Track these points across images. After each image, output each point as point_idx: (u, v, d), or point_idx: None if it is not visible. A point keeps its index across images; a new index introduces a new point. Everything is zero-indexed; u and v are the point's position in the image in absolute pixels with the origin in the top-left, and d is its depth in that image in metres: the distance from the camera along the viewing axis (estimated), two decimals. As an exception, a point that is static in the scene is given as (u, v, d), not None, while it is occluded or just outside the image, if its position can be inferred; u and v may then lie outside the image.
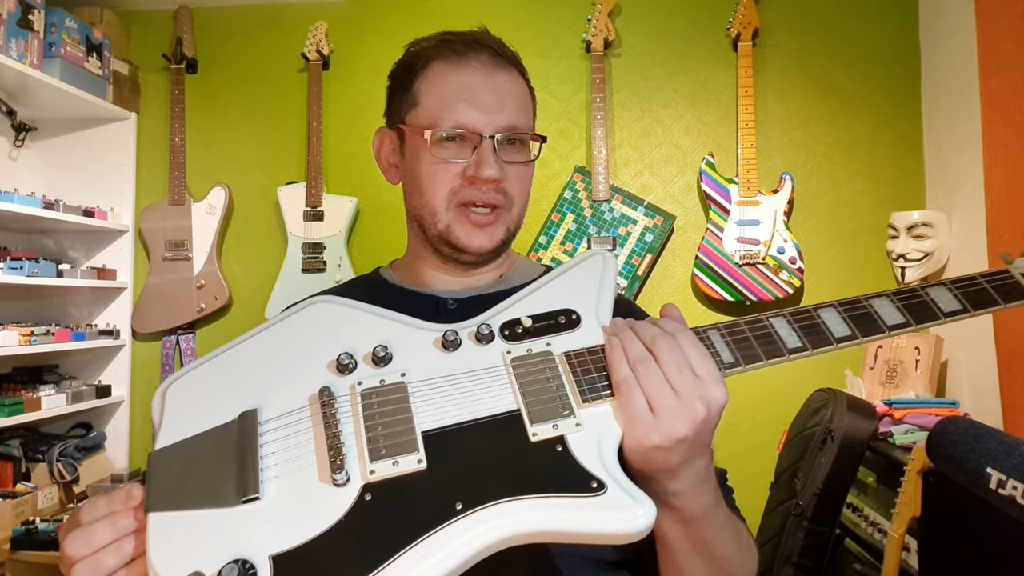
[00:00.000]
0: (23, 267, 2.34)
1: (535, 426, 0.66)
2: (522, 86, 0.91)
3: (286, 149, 2.84)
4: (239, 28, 2.89)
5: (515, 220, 0.90)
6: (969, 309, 0.77)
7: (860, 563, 1.85)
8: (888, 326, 0.74)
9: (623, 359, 0.67)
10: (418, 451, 0.64)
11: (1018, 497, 1.04)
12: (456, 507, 0.61)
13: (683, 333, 0.68)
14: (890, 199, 2.57)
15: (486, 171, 0.83)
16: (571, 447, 0.65)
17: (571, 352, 0.71)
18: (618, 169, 2.70)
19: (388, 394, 0.68)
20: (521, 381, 0.69)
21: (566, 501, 0.61)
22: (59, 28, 2.49)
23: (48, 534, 2.06)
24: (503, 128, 0.85)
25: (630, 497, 0.61)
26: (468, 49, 0.87)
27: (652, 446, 0.64)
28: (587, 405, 0.67)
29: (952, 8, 2.35)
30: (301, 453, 0.65)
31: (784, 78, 2.65)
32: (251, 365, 0.72)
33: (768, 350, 0.72)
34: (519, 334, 0.73)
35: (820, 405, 1.94)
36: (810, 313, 0.74)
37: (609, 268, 0.79)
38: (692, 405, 0.64)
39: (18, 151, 2.77)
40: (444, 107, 0.85)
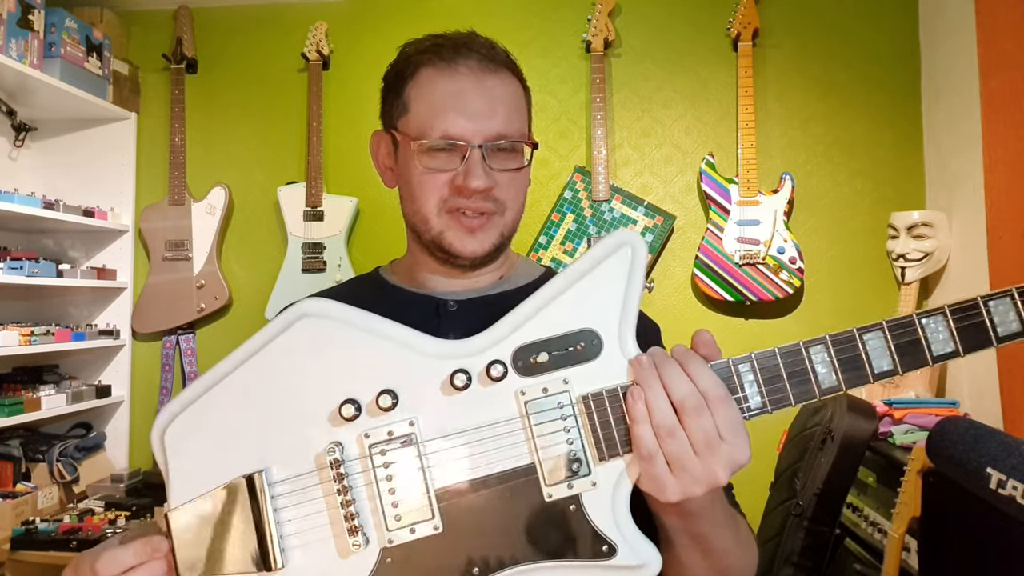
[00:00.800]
0: (23, 267, 2.34)
1: (550, 488, 0.66)
2: (514, 88, 0.88)
3: (286, 149, 2.84)
4: (239, 28, 2.89)
5: (509, 225, 0.88)
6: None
7: (860, 563, 1.85)
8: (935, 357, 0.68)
9: (646, 420, 0.65)
10: (434, 517, 0.66)
11: (1018, 497, 1.04)
12: (473, 572, 0.64)
13: (717, 395, 0.65)
14: (890, 199, 2.57)
15: (473, 182, 0.82)
16: (585, 507, 0.66)
17: (589, 396, 0.67)
18: (618, 169, 2.70)
19: (398, 448, 0.67)
20: (537, 432, 0.67)
21: (578, 565, 0.64)
22: (59, 28, 2.49)
23: (48, 534, 2.06)
24: (492, 136, 0.83)
25: (639, 558, 0.64)
26: (457, 54, 0.85)
27: (667, 502, 0.66)
28: (603, 463, 0.66)
29: (952, 8, 2.35)
30: (318, 523, 0.67)
31: (784, 78, 2.65)
32: (247, 404, 0.70)
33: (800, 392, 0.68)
34: (533, 368, 0.68)
35: (820, 405, 1.94)
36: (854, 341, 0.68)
37: (637, 264, 0.70)
38: (713, 472, 0.65)
39: (18, 151, 2.77)
40: (432, 116, 0.83)
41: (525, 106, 0.90)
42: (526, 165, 0.87)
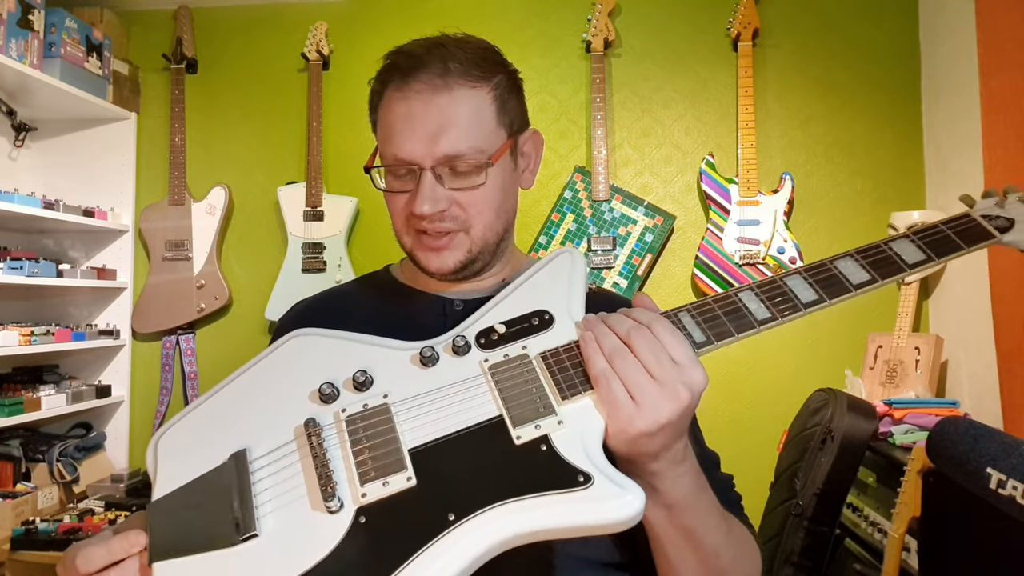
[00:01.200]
0: (23, 267, 2.34)
1: (518, 429, 0.67)
2: (472, 102, 0.83)
3: (286, 149, 2.84)
4: (239, 28, 2.89)
5: (478, 240, 0.86)
6: (933, 258, 0.77)
7: (860, 563, 1.85)
8: (855, 285, 0.75)
9: (598, 352, 0.68)
10: (406, 469, 0.65)
11: (1018, 497, 1.04)
12: (449, 518, 0.62)
13: (658, 322, 0.69)
14: (890, 199, 2.57)
15: (420, 208, 0.82)
16: (555, 445, 0.66)
17: (547, 352, 0.72)
18: (618, 169, 2.70)
19: (372, 417, 0.69)
20: (500, 387, 0.70)
21: (555, 498, 0.62)
22: (59, 28, 2.49)
23: (48, 534, 2.06)
24: (440, 160, 0.82)
25: (618, 486, 0.62)
26: (409, 74, 0.83)
27: (637, 433, 0.65)
28: (567, 402, 0.68)
29: (952, 8, 2.35)
30: (293, 485, 0.66)
31: (784, 78, 2.65)
32: (236, 407, 0.73)
33: (738, 324, 0.72)
34: (494, 341, 0.74)
35: (820, 405, 1.94)
36: (776, 283, 0.75)
37: (577, 264, 0.80)
38: (675, 391, 0.65)
39: (18, 151, 2.77)
40: (387, 140, 0.85)
41: (492, 113, 0.84)
42: (485, 182, 0.83)
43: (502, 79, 0.87)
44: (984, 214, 0.82)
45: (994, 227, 0.81)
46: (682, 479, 0.71)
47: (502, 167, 0.86)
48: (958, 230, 0.80)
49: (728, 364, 2.58)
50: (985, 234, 0.80)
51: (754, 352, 2.59)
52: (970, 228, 0.81)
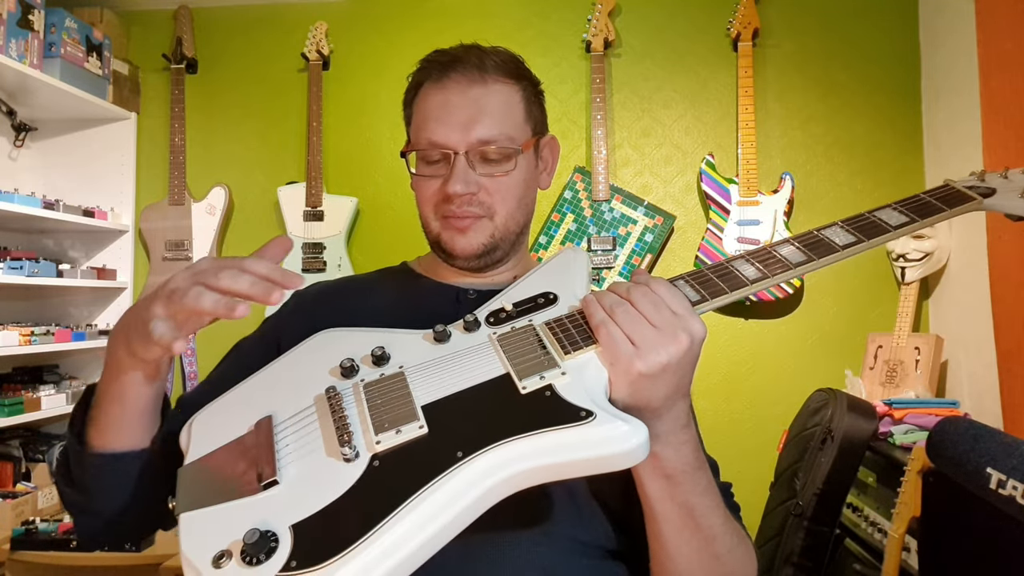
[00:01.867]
0: (23, 267, 2.34)
1: (523, 381, 0.70)
2: (505, 94, 0.91)
3: (286, 149, 2.84)
4: (239, 28, 2.89)
5: (500, 228, 0.92)
6: (916, 219, 0.83)
7: (860, 563, 1.85)
8: (841, 246, 0.80)
9: (599, 307, 0.72)
10: (419, 419, 0.68)
11: (1018, 497, 1.04)
12: (457, 455, 0.64)
13: (655, 280, 0.72)
14: (890, 199, 2.54)
15: (452, 187, 0.88)
16: (559, 391, 0.69)
17: (551, 320, 0.76)
18: (618, 169, 2.70)
19: (388, 382, 0.74)
20: (507, 350, 0.74)
21: (559, 431, 0.65)
22: (59, 28, 2.49)
23: (48, 534, 2.06)
24: (474, 144, 0.88)
25: (619, 419, 0.65)
26: (447, 68, 0.91)
27: (638, 374, 0.68)
28: (569, 356, 0.71)
29: (952, 8, 2.35)
30: (312, 439, 0.70)
31: (784, 78, 2.65)
32: (265, 387, 0.79)
33: (731, 284, 0.76)
34: (502, 318, 0.79)
35: (820, 405, 1.94)
36: (767, 250, 0.80)
37: (580, 257, 0.86)
38: (674, 334, 0.68)
39: (18, 151, 2.77)
40: (422, 127, 0.91)
41: (521, 109, 0.93)
42: (515, 169, 0.91)
43: (528, 85, 0.95)
44: (966, 184, 0.88)
45: (976, 194, 0.86)
46: (684, 447, 0.73)
47: (527, 160, 0.94)
48: (939, 196, 0.86)
49: (728, 364, 2.58)
50: (965, 197, 0.85)
51: (754, 352, 2.59)
52: (951, 194, 0.86)
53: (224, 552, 0.60)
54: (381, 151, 2.76)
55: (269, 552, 0.59)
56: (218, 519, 0.64)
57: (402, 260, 1.08)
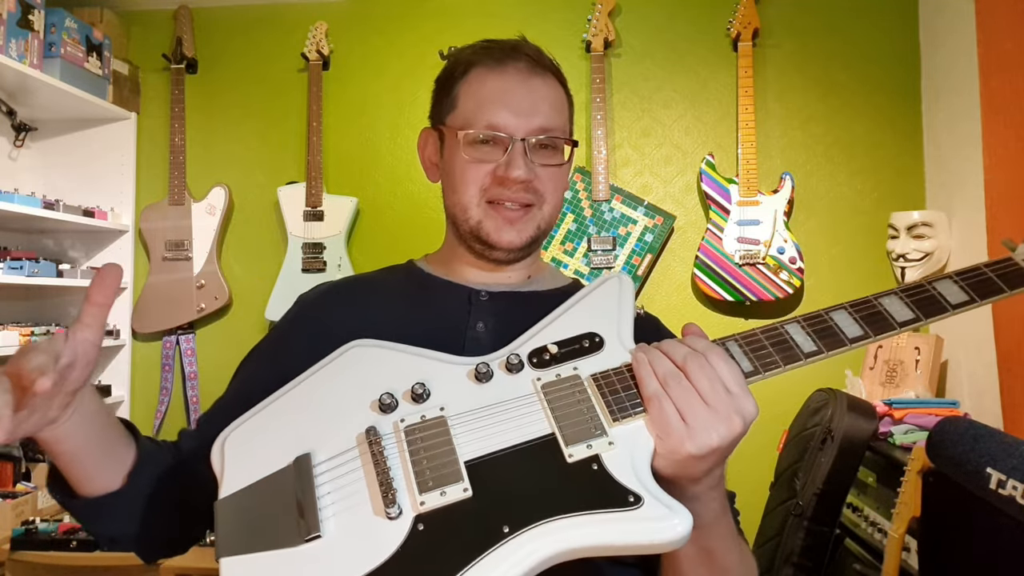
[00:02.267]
0: (23, 267, 2.34)
1: (570, 448, 0.68)
2: (558, 92, 0.94)
3: (286, 149, 2.84)
4: (239, 28, 2.89)
5: (547, 219, 0.92)
6: (976, 299, 0.78)
7: (860, 563, 1.85)
8: (899, 323, 0.76)
9: (651, 375, 0.69)
10: (463, 480, 0.67)
11: (1018, 497, 1.04)
12: (504, 530, 0.64)
13: (713, 351, 0.70)
14: (890, 199, 2.57)
15: (514, 172, 0.87)
16: (606, 465, 0.67)
17: (598, 374, 0.74)
18: (618, 169, 2.70)
19: (430, 429, 0.72)
20: (553, 406, 0.72)
21: (606, 516, 0.64)
22: (59, 28, 2.48)
23: (48, 534, 2.06)
24: (535, 131, 0.88)
25: (666, 507, 0.64)
26: (507, 56, 0.91)
27: (687, 456, 0.66)
28: (617, 424, 0.69)
29: (952, 8, 2.35)
30: (355, 490, 0.69)
31: (784, 78, 2.65)
32: (300, 411, 0.76)
33: (785, 356, 0.74)
34: (547, 361, 0.76)
35: (820, 405, 1.94)
36: (822, 317, 0.76)
37: (626, 289, 0.83)
38: (728, 417, 0.66)
39: (18, 151, 2.77)
40: (479, 109, 0.89)
41: (567, 109, 0.95)
42: (566, 162, 0.92)
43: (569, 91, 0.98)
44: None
45: None
46: (714, 502, 0.73)
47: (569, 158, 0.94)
48: (1000, 273, 0.81)
49: (728, 364, 2.58)
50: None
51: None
52: (1011, 271, 0.81)
53: None
54: (381, 151, 2.76)
55: None
56: (257, 568, 0.64)
57: (405, 259, 1.06)
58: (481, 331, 0.88)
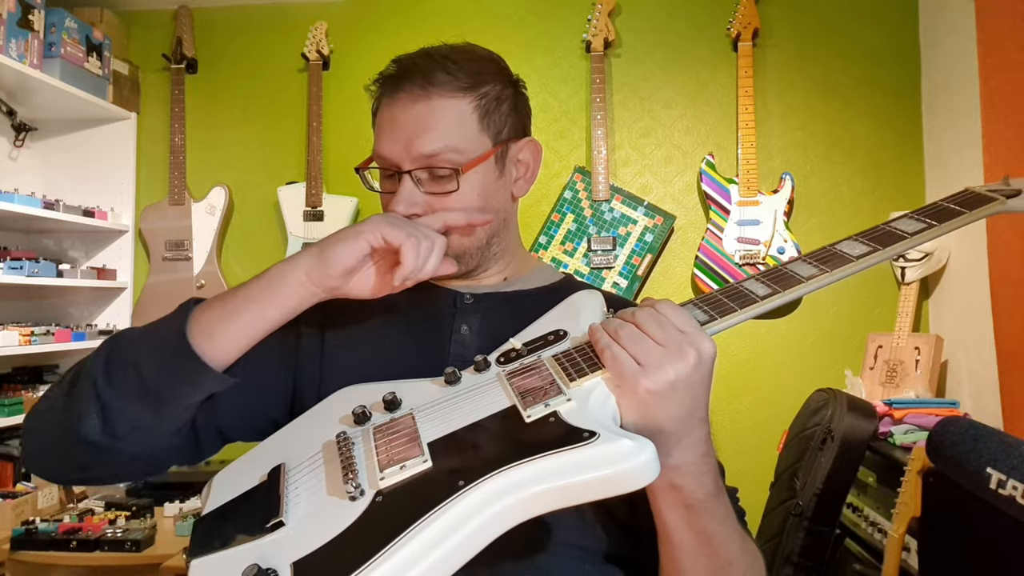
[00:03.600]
0: (23, 267, 2.34)
1: (528, 410, 0.69)
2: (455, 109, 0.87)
3: (286, 149, 2.84)
4: (239, 28, 2.89)
5: (455, 246, 0.89)
6: (935, 223, 0.80)
7: (860, 563, 1.85)
8: (855, 256, 0.78)
9: (603, 332, 0.71)
10: (423, 455, 0.67)
11: (1018, 497, 1.04)
12: (459, 484, 0.63)
13: (663, 302, 0.71)
14: (890, 199, 2.57)
15: (395, 206, 0.87)
16: (564, 416, 0.67)
17: (559, 354, 0.75)
18: (618, 169, 2.70)
19: (397, 423, 0.74)
20: (514, 383, 0.73)
21: (561, 454, 0.62)
22: (59, 28, 2.49)
23: (48, 534, 2.06)
24: (416, 159, 0.86)
25: (624, 437, 0.62)
26: (397, 83, 0.89)
27: (645, 392, 0.65)
28: (575, 383, 0.70)
29: (952, 8, 2.35)
30: (319, 479, 0.71)
31: (784, 78, 2.65)
32: (282, 441, 0.81)
33: (741, 301, 0.74)
34: (512, 357, 0.78)
35: (820, 405, 1.94)
36: (780, 268, 0.78)
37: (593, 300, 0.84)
38: (680, 350, 0.66)
39: (18, 151, 2.77)
40: (376, 143, 0.91)
41: (474, 121, 0.88)
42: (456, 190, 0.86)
43: (492, 89, 0.90)
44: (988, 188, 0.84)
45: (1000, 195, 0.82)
46: (705, 476, 0.71)
47: (481, 173, 0.89)
48: (959, 201, 0.82)
49: (729, 365, 2.58)
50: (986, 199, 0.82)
51: (754, 353, 2.59)
52: (971, 198, 0.82)
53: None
54: (381, 151, 2.75)
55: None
56: (225, 562, 0.65)
57: None
58: (466, 333, 0.89)
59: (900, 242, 0.78)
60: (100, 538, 2.04)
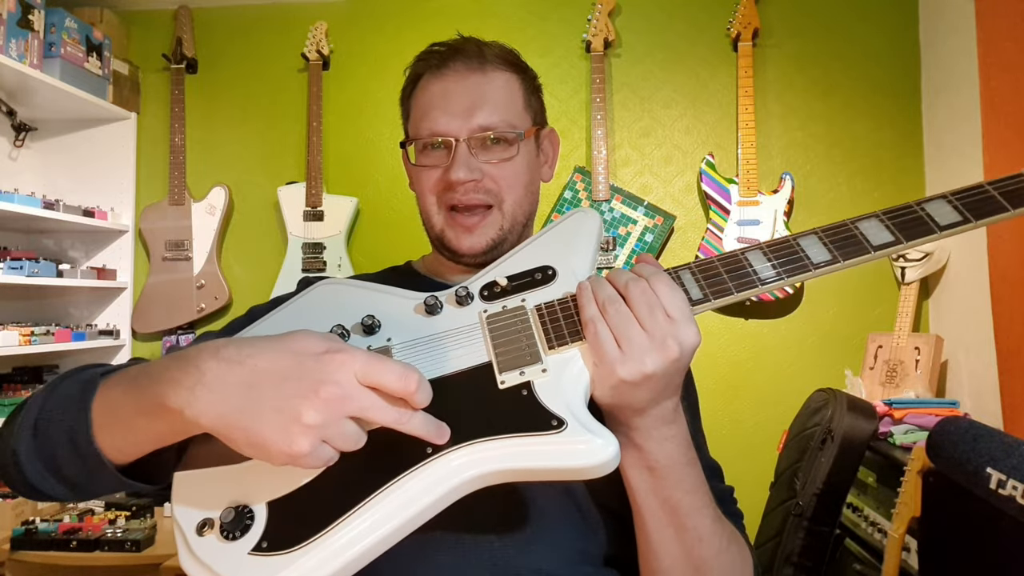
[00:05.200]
0: (23, 267, 2.34)
1: (503, 375, 0.69)
2: (503, 82, 0.91)
3: (286, 149, 2.84)
4: (239, 28, 2.89)
5: (509, 217, 0.91)
6: (971, 219, 0.69)
7: (860, 563, 1.85)
8: (874, 246, 0.70)
9: (592, 300, 0.69)
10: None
11: (1018, 497, 1.04)
12: (427, 451, 0.65)
13: (656, 276, 0.68)
14: (890, 199, 2.57)
15: (454, 174, 0.87)
16: (536, 391, 0.67)
17: (542, 304, 0.73)
18: (618, 169, 2.70)
19: None
20: (493, 335, 0.72)
21: (528, 439, 0.64)
22: (59, 28, 2.48)
23: (48, 534, 2.06)
24: (476, 130, 0.88)
25: (589, 432, 0.63)
26: (447, 59, 0.90)
27: (619, 380, 0.65)
28: (553, 351, 0.69)
29: (952, 8, 2.35)
30: None
31: (784, 78, 2.65)
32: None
33: (740, 283, 0.70)
34: (496, 293, 0.76)
35: (820, 405, 1.94)
36: (788, 242, 0.72)
37: (587, 223, 0.81)
38: (664, 343, 0.65)
39: (18, 151, 2.77)
40: (422, 117, 0.90)
41: (520, 97, 0.92)
42: (516, 155, 0.90)
43: (526, 76, 0.95)
44: None
45: None
46: (668, 442, 0.71)
47: (529, 148, 0.93)
48: (1006, 190, 0.69)
49: (729, 365, 2.58)
50: None
51: (754, 353, 2.59)
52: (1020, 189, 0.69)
53: (207, 521, 0.64)
54: (381, 151, 2.76)
55: (244, 529, 0.63)
56: (205, 484, 0.68)
57: (405, 260, 1.08)
58: None
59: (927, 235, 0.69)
60: (100, 538, 2.04)
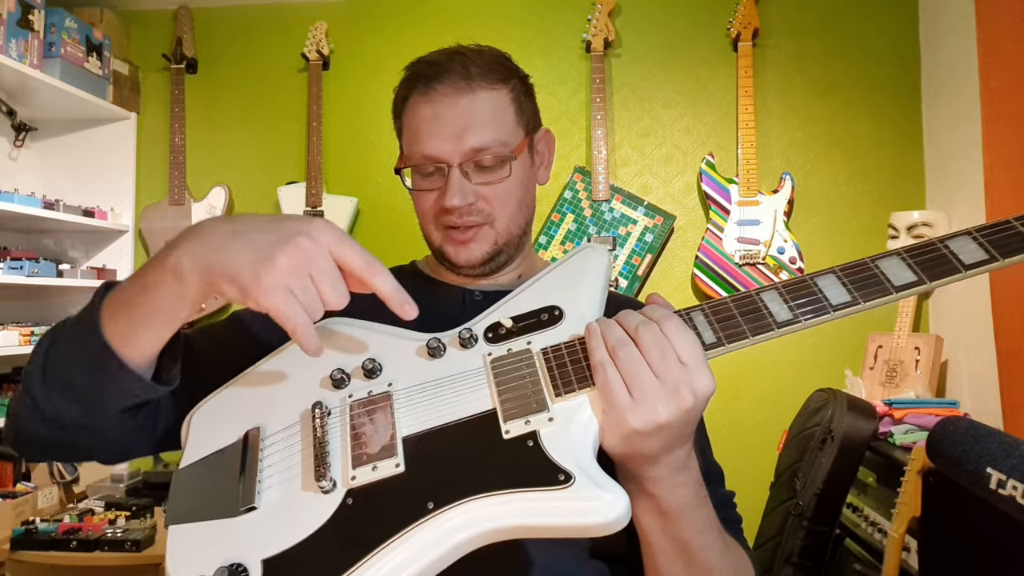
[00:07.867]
0: (23, 267, 2.34)
1: (508, 423, 0.66)
2: (492, 99, 0.89)
3: (286, 149, 2.84)
4: (239, 28, 2.89)
5: (503, 233, 0.92)
6: (998, 258, 0.64)
7: (860, 563, 1.85)
8: (896, 287, 0.65)
9: (601, 344, 0.65)
10: (396, 456, 0.66)
11: (1018, 497, 1.04)
12: (428, 507, 0.62)
13: (668, 319, 0.65)
14: (890, 199, 2.57)
15: (448, 201, 0.87)
16: (542, 442, 0.64)
17: (548, 348, 0.70)
18: (618, 169, 2.70)
19: (374, 404, 0.71)
20: (498, 380, 0.69)
21: (534, 495, 0.61)
22: (59, 28, 2.49)
23: (48, 534, 2.06)
24: (467, 154, 0.87)
25: (598, 487, 0.60)
26: (434, 79, 0.89)
27: (631, 430, 0.62)
28: (560, 399, 0.66)
29: (952, 8, 2.35)
30: (293, 463, 0.70)
31: (784, 78, 2.65)
32: (260, 387, 0.77)
33: (755, 326, 0.67)
34: (501, 336, 0.73)
35: (820, 405, 1.94)
36: (806, 282, 0.68)
37: (596, 261, 0.78)
38: (676, 391, 0.62)
39: (18, 151, 2.77)
40: (414, 142, 0.90)
41: (511, 113, 0.91)
42: (508, 176, 0.90)
43: (517, 83, 0.93)
44: None
45: None
46: (680, 488, 0.69)
47: (522, 163, 0.92)
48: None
49: (729, 365, 2.58)
50: None
51: (754, 353, 2.59)
52: None
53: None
54: (381, 151, 2.76)
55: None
56: (200, 539, 0.66)
57: (408, 259, 1.08)
58: None
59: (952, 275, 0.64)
60: (100, 538, 2.04)
